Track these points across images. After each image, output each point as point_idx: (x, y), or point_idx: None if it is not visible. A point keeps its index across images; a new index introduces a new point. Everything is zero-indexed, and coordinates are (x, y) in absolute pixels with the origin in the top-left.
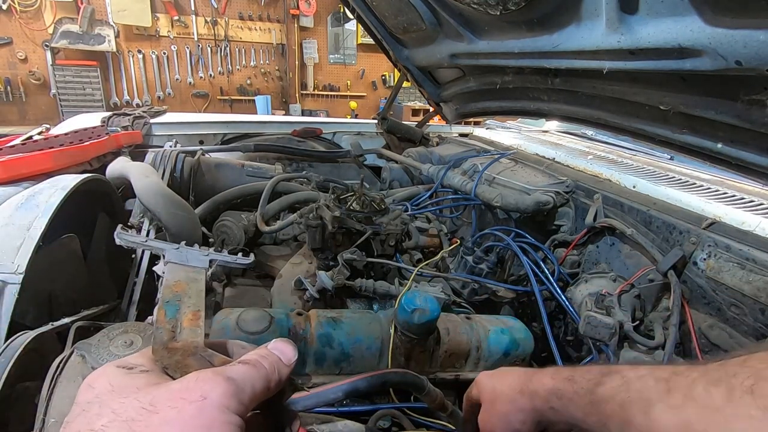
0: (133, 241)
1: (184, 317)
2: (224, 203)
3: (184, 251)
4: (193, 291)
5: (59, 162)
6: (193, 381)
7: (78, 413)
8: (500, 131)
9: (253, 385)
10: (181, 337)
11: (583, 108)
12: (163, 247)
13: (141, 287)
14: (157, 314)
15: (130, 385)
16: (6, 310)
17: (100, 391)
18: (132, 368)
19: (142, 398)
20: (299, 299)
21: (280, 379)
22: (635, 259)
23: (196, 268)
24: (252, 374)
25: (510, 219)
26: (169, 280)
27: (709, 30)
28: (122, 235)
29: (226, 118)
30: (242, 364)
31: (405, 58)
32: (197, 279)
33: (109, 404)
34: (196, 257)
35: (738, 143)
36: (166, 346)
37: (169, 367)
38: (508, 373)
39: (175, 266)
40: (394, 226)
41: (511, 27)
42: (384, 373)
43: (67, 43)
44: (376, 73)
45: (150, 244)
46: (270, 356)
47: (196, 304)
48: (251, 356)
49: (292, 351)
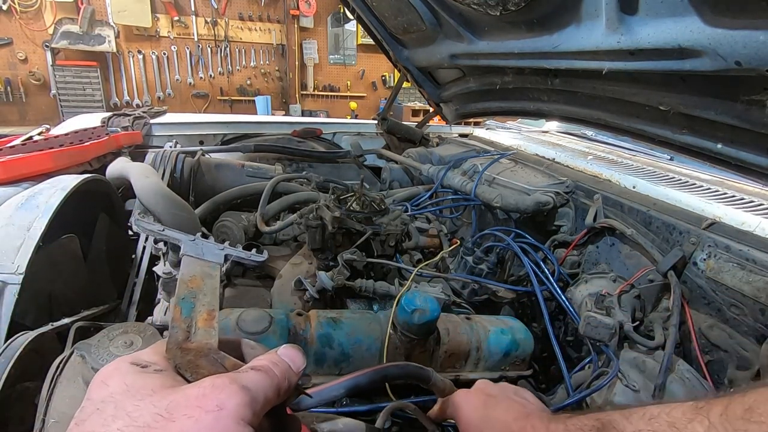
0: (150, 229)
1: (198, 316)
2: (224, 203)
3: (200, 243)
4: (208, 288)
5: (59, 162)
6: (209, 388)
7: (92, 411)
8: (500, 132)
9: (266, 394)
10: (196, 338)
11: (583, 108)
12: (180, 238)
13: (141, 287)
14: (173, 312)
15: (145, 386)
16: (6, 311)
17: (115, 390)
18: (146, 366)
19: (158, 403)
20: (299, 299)
21: (289, 387)
22: (635, 260)
23: (211, 263)
24: (264, 382)
25: (510, 219)
26: (185, 274)
27: (708, 30)
28: (140, 222)
29: (226, 119)
30: (255, 371)
31: (405, 58)
32: (212, 275)
33: (125, 406)
34: (211, 251)
35: (738, 143)
36: (180, 345)
37: (181, 367)
38: (499, 403)
39: (191, 260)
40: (394, 226)
41: (511, 27)
42: (384, 367)
43: (67, 43)
44: (376, 73)
45: (167, 233)
46: (281, 363)
47: (210, 302)
48: (263, 362)
49: (301, 358)
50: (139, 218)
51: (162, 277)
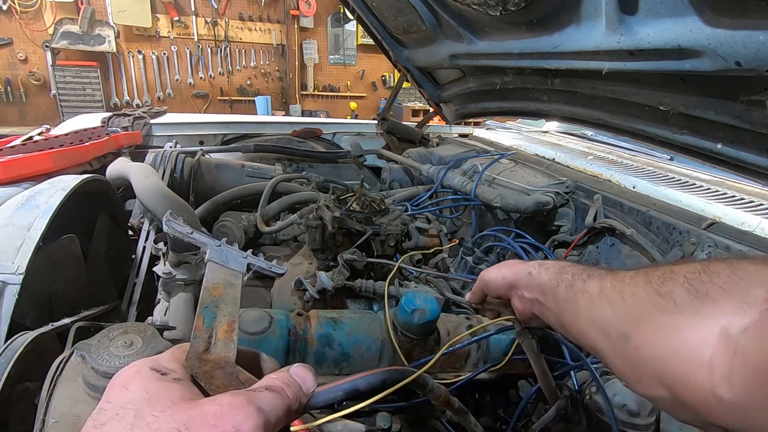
0: (180, 231)
1: (219, 327)
2: (224, 204)
3: (225, 250)
4: (230, 298)
5: (59, 162)
6: (226, 407)
7: (111, 416)
8: (500, 132)
9: (278, 416)
10: (215, 349)
11: (583, 108)
12: (206, 242)
13: (141, 288)
14: (196, 320)
15: (165, 396)
16: (6, 311)
17: (135, 397)
18: (165, 374)
19: (177, 417)
20: (299, 300)
21: (299, 409)
22: (635, 260)
23: (234, 270)
24: (278, 404)
25: (510, 219)
26: (209, 281)
27: (708, 31)
28: (171, 223)
29: (226, 119)
30: (269, 391)
31: (405, 58)
32: (234, 284)
33: (144, 416)
34: (235, 258)
35: (738, 144)
36: (200, 356)
37: (197, 376)
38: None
39: (215, 266)
40: (394, 226)
41: (511, 28)
42: (384, 371)
43: (67, 43)
44: (376, 73)
45: (195, 237)
46: (293, 384)
47: (231, 313)
48: (276, 382)
49: (312, 380)
50: (170, 218)
51: (162, 277)
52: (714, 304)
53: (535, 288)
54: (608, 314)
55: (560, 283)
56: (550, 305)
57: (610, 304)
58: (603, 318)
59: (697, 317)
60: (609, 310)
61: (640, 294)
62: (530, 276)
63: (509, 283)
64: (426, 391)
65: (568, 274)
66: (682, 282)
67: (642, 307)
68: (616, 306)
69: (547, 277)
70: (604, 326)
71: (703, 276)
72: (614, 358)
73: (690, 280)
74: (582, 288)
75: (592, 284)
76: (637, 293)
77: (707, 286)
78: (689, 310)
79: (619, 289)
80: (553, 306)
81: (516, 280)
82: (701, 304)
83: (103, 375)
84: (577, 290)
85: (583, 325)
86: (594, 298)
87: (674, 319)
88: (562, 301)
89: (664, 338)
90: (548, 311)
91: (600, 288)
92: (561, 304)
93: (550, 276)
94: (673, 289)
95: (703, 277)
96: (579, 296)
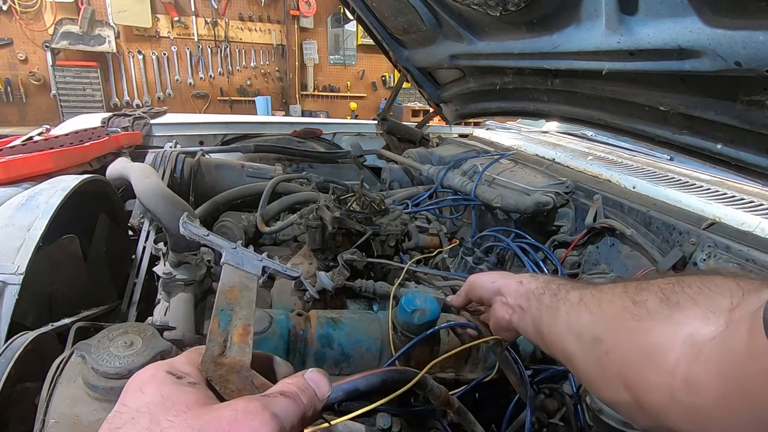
0: (196, 233)
1: (234, 331)
2: (224, 204)
3: (241, 252)
4: (245, 301)
5: (59, 163)
6: (241, 413)
7: (126, 419)
8: (500, 132)
9: (293, 422)
10: (230, 354)
11: (583, 109)
12: (222, 245)
13: (141, 288)
14: (211, 323)
15: (180, 400)
16: (6, 311)
17: (151, 401)
18: (181, 377)
19: (192, 422)
20: (299, 300)
21: (313, 416)
22: (635, 260)
23: (249, 273)
24: (293, 410)
25: (510, 220)
26: (224, 284)
27: (708, 31)
28: (187, 225)
29: (226, 119)
30: (285, 397)
31: (405, 58)
32: (250, 287)
33: (159, 420)
34: (250, 261)
35: (738, 144)
36: (215, 360)
37: (212, 380)
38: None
39: (231, 269)
40: (394, 226)
41: (511, 28)
42: (384, 371)
43: (67, 43)
44: (376, 73)
45: (211, 239)
46: (308, 390)
47: (246, 317)
48: (291, 388)
49: (327, 385)
50: (187, 221)
51: (162, 277)
52: (683, 311)
53: (522, 295)
54: (585, 320)
55: (546, 291)
56: (532, 311)
57: (588, 311)
58: (580, 324)
59: (666, 323)
60: (586, 316)
61: (615, 302)
62: (519, 284)
63: (497, 288)
64: (426, 391)
65: (554, 284)
66: (656, 291)
67: (616, 314)
68: (593, 313)
69: (536, 285)
70: (579, 331)
71: (675, 286)
72: (584, 361)
73: (663, 290)
74: (565, 296)
75: (573, 293)
76: (614, 301)
77: (678, 295)
78: (659, 316)
79: (598, 298)
80: (536, 312)
81: (504, 286)
82: (671, 312)
83: (103, 375)
84: (560, 298)
85: (560, 330)
86: (574, 305)
87: (644, 324)
88: (545, 307)
89: (634, 341)
90: (527, 317)
91: (580, 297)
92: (543, 310)
93: (538, 284)
94: (647, 298)
95: (676, 287)
96: (561, 303)
